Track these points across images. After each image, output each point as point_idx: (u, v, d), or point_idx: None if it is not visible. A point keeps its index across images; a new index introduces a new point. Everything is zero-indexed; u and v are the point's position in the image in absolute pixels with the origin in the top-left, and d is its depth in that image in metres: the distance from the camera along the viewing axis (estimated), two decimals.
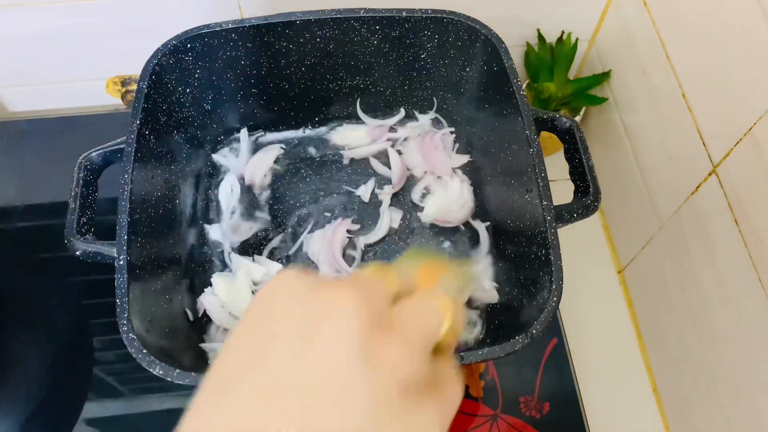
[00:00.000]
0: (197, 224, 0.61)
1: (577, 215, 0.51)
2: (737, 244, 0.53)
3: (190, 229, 0.60)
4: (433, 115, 0.67)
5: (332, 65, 0.60)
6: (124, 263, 0.45)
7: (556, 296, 0.45)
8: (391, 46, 0.59)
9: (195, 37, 0.54)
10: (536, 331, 0.43)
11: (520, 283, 0.52)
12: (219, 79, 0.59)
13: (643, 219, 0.69)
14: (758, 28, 0.48)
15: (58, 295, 0.69)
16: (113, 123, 0.78)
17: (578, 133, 0.54)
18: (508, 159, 0.55)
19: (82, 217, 0.50)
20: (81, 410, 0.62)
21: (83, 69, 0.77)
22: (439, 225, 0.63)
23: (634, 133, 0.70)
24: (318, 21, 0.55)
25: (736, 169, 0.53)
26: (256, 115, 0.64)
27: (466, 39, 0.57)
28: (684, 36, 0.59)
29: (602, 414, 0.65)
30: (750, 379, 0.53)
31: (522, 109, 0.51)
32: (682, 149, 0.60)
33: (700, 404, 0.61)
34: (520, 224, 0.52)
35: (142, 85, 0.51)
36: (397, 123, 0.67)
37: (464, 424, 0.62)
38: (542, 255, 0.47)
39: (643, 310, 0.72)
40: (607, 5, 0.73)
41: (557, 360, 0.65)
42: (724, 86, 0.53)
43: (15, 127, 0.79)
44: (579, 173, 0.54)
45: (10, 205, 0.74)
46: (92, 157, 0.52)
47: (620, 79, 0.72)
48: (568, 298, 0.46)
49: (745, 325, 0.53)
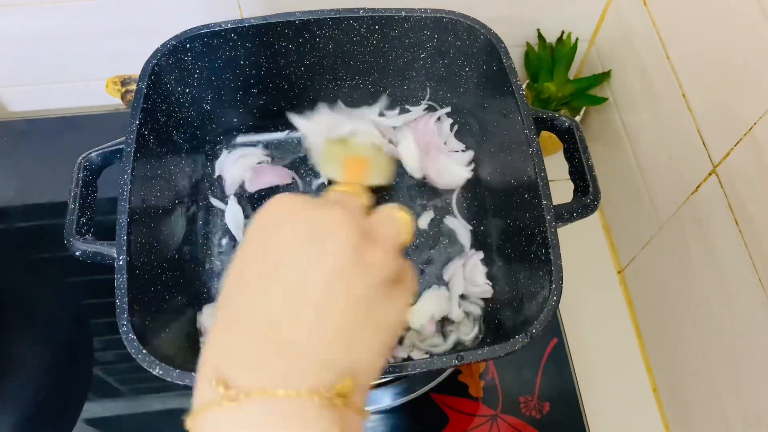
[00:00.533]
0: (196, 224, 0.61)
1: (576, 215, 0.51)
2: (737, 244, 0.53)
3: (190, 230, 0.60)
4: (426, 104, 0.66)
5: (331, 65, 0.60)
6: (124, 263, 0.45)
7: (556, 295, 0.45)
8: (390, 45, 0.59)
9: (194, 37, 0.54)
10: (536, 331, 0.43)
11: (520, 282, 0.52)
12: (218, 79, 0.59)
13: (643, 219, 0.69)
14: (758, 28, 0.48)
15: (58, 295, 0.69)
16: (113, 123, 0.78)
17: (578, 132, 0.54)
18: (508, 158, 0.55)
19: (81, 218, 0.50)
20: (81, 410, 0.62)
21: (83, 69, 0.77)
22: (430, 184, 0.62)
23: (634, 133, 0.70)
24: (317, 21, 0.55)
25: (736, 169, 0.53)
26: (256, 116, 0.64)
27: (465, 39, 0.57)
28: (684, 36, 0.59)
29: (602, 414, 0.65)
30: (750, 378, 0.53)
31: (521, 109, 0.51)
32: (682, 149, 0.60)
33: (700, 404, 0.61)
34: (520, 224, 0.52)
35: (141, 85, 0.51)
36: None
37: (464, 424, 0.62)
38: (542, 254, 0.47)
39: (643, 310, 0.72)
40: (607, 5, 0.73)
41: (557, 360, 0.65)
42: (724, 86, 0.53)
43: (15, 127, 0.79)
44: (578, 173, 0.53)
45: (10, 205, 0.74)
46: (92, 157, 0.52)
47: (620, 79, 0.72)
48: (568, 298, 0.46)
49: (745, 325, 0.53)
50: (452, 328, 0.57)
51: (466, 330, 0.56)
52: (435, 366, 0.45)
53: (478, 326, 0.56)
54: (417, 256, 0.60)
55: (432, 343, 0.56)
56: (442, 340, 0.56)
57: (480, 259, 0.59)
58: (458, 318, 0.56)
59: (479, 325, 0.56)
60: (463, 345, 0.56)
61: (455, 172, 0.62)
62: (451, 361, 0.43)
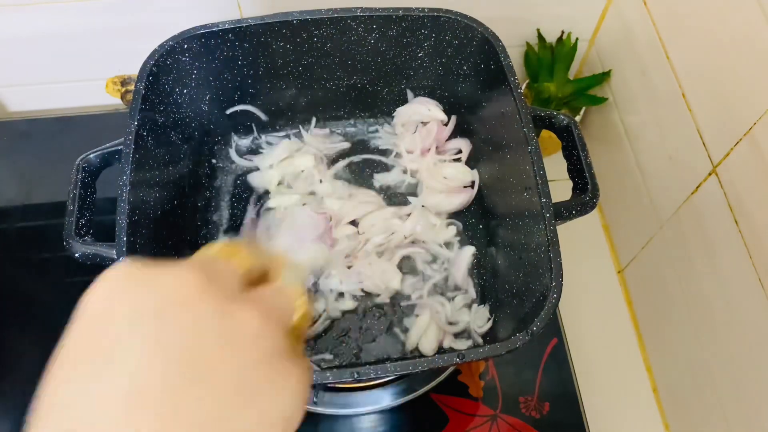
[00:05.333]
0: (196, 224, 0.61)
1: (575, 212, 0.51)
2: (737, 244, 0.53)
3: (190, 230, 0.60)
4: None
5: (329, 65, 0.60)
6: None
7: (557, 293, 0.45)
8: (388, 45, 0.59)
9: (192, 38, 0.54)
10: (537, 328, 0.43)
11: (520, 280, 0.52)
12: (216, 79, 0.59)
13: (643, 219, 0.69)
14: (758, 28, 0.48)
15: (58, 295, 0.69)
16: (113, 123, 0.78)
17: (576, 130, 0.54)
18: (507, 157, 0.55)
19: (80, 219, 0.50)
20: None
21: (83, 69, 0.77)
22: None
23: (634, 133, 0.70)
24: (315, 21, 0.55)
25: (736, 169, 0.52)
26: (254, 116, 0.64)
27: (463, 38, 0.57)
28: (684, 36, 0.59)
29: (602, 414, 0.65)
30: (750, 379, 0.53)
31: (520, 107, 0.51)
32: (682, 149, 0.60)
33: (700, 404, 0.61)
34: (520, 222, 0.52)
35: (139, 86, 0.51)
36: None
37: (464, 424, 0.62)
38: (542, 252, 0.47)
39: (643, 310, 0.72)
40: (607, 5, 0.72)
41: (557, 360, 0.65)
42: (724, 86, 0.53)
43: (15, 127, 0.79)
44: (577, 170, 0.53)
45: (10, 205, 0.74)
46: (90, 158, 0.52)
47: (620, 79, 0.72)
48: (568, 298, 0.46)
49: (745, 325, 0.53)
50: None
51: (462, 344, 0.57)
52: (436, 364, 0.45)
53: (470, 341, 0.57)
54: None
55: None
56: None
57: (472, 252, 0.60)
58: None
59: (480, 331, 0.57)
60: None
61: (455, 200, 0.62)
62: (452, 359, 0.43)
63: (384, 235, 0.59)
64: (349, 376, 0.43)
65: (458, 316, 0.57)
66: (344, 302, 0.58)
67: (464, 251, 0.60)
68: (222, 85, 0.60)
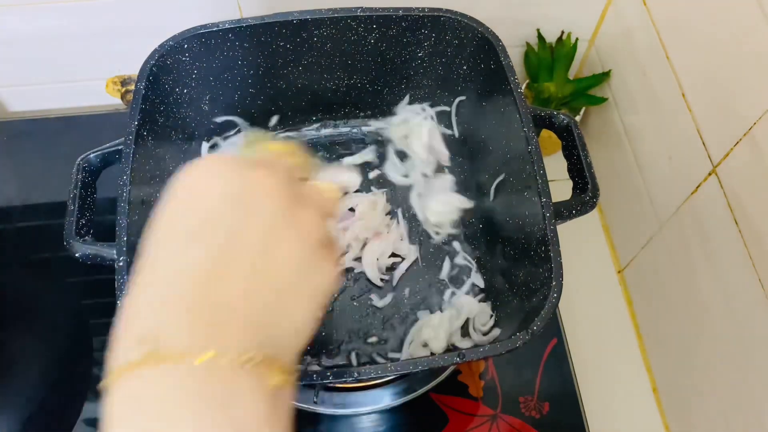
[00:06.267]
0: None
1: (575, 212, 0.51)
2: (737, 244, 0.53)
3: None
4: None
5: (329, 64, 0.60)
6: (124, 265, 0.45)
7: (557, 292, 0.45)
8: (388, 45, 0.59)
9: (192, 38, 0.54)
10: (537, 328, 0.43)
11: (520, 280, 0.52)
12: (216, 79, 0.59)
13: (643, 219, 0.69)
14: (758, 29, 0.48)
15: (58, 295, 0.69)
16: (113, 123, 0.78)
17: (576, 129, 0.54)
18: (507, 157, 0.55)
19: (81, 219, 0.50)
20: (81, 410, 0.62)
21: (83, 69, 0.77)
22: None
23: (634, 133, 0.70)
24: (315, 21, 0.55)
25: (735, 169, 0.53)
26: (254, 116, 0.64)
27: (462, 37, 0.57)
28: (684, 36, 0.59)
29: (602, 414, 0.65)
30: (750, 378, 0.53)
31: (519, 107, 0.51)
32: (682, 149, 0.60)
33: (700, 404, 0.61)
34: (520, 222, 0.53)
35: (139, 86, 0.51)
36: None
37: (464, 424, 0.62)
38: (542, 252, 0.47)
39: (643, 310, 0.72)
40: (607, 5, 0.72)
41: (557, 360, 0.65)
42: (724, 86, 0.53)
43: (15, 127, 0.79)
44: (577, 170, 0.54)
45: (10, 205, 0.74)
46: (90, 158, 0.52)
47: (620, 79, 0.72)
48: (568, 298, 0.46)
49: (745, 325, 0.53)
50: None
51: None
52: (436, 364, 0.45)
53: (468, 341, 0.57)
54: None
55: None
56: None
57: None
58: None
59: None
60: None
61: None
62: (452, 359, 0.43)
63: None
64: (350, 375, 0.43)
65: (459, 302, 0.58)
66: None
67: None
68: (222, 85, 0.60)
